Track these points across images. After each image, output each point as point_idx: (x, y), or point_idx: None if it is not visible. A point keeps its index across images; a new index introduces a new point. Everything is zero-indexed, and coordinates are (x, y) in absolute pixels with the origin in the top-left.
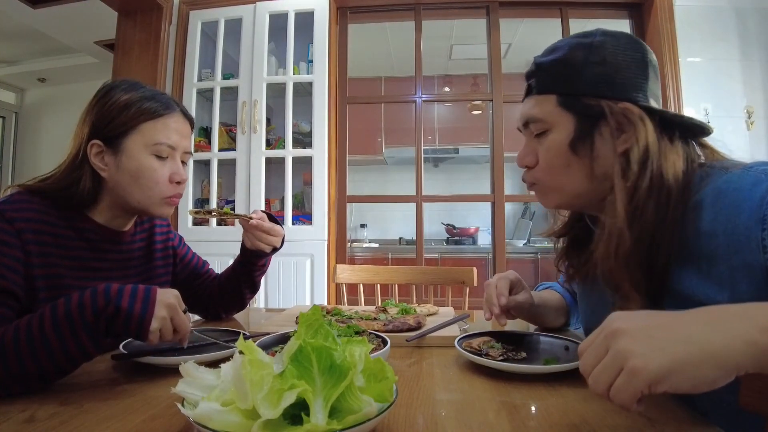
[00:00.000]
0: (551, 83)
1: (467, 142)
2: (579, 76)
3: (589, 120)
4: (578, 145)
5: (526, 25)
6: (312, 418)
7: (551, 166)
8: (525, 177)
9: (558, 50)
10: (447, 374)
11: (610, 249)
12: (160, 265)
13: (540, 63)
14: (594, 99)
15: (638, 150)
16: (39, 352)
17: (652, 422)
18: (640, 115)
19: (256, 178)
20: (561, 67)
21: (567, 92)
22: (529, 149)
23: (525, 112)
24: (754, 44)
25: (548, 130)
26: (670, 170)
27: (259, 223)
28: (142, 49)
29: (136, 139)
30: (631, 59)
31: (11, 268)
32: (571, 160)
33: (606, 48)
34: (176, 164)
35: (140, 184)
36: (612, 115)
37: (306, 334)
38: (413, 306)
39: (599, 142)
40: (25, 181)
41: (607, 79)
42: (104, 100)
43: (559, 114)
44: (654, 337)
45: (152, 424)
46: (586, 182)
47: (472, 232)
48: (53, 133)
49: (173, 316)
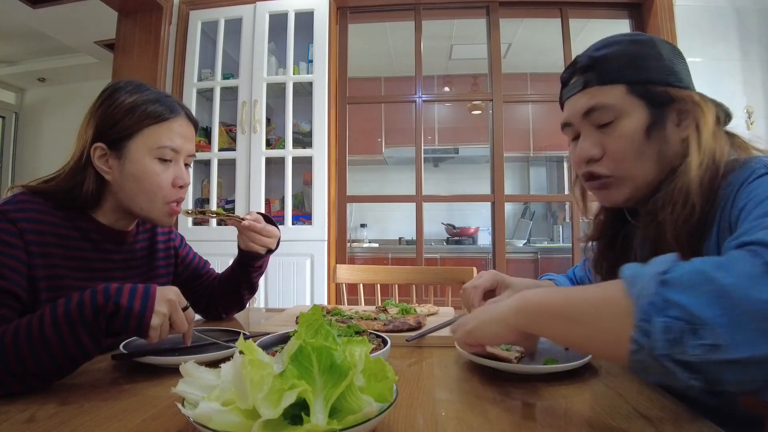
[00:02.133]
0: (617, 73)
1: (467, 142)
2: (644, 66)
3: (659, 106)
4: (653, 130)
5: (526, 25)
6: (312, 418)
7: (624, 154)
8: (593, 170)
9: (612, 45)
10: (447, 374)
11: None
12: (161, 265)
13: (598, 56)
14: (661, 86)
15: (707, 129)
16: (39, 351)
17: (652, 422)
18: (702, 100)
19: (256, 178)
20: (624, 57)
21: (636, 80)
22: (594, 140)
23: (589, 102)
24: (754, 44)
25: (618, 117)
26: (719, 152)
27: (251, 224)
28: (142, 49)
29: (140, 142)
30: (677, 55)
31: (13, 268)
32: (644, 147)
33: (657, 43)
34: (179, 168)
35: (143, 188)
36: (679, 101)
37: (306, 334)
38: (413, 306)
39: (670, 127)
40: (28, 182)
41: (668, 70)
42: (108, 102)
43: (631, 101)
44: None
45: (152, 424)
46: (656, 168)
47: (472, 232)
48: (53, 133)
49: (173, 312)
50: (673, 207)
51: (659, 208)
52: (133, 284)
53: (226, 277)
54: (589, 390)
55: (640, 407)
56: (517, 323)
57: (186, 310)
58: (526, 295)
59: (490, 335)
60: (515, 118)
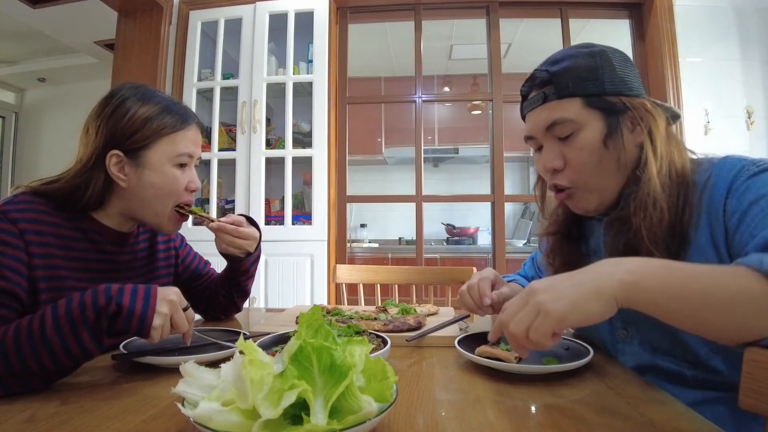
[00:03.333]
0: (573, 87)
1: (467, 142)
2: (598, 79)
3: (614, 115)
4: (610, 139)
5: (526, 25)
6: (312, 418)
7: (585, 164)
8: (557, 182)
9: (566, 59)
10: (447, 374)
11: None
12: (162, 266)
13: (555, 71)
14: (615, 97)
15: (660, 135)
16: (40, 350)
17: (653, 422)
18: (653, 106)
19: (256, 178)
20: (579, 71)
21: (591, 93)
22: (556, 153)
23: (549, 117)
24: (754, 44)
25: (577, 130)
26: (677, 154)
27: (220, 225)
28: (142, 49)
29: (159, 152)
30: (628, 65)
31: (13, 269)
32: (603, 156)
33: (609, 55)
34: (192, 172)
35: (161, 194)
36: (633, 108)
37: (306, 334)
38: (413, 306)
39: (625, 134)
40: (30, 182)
41: (621, 80)
42: (121, 112)
43: (588, 113)
44: (557, 288)
45: (152, 424)
46: (616, 175)
47: (472, 232)
48: (53, 133)
49: (174, 313)
50: (645, 212)
51: (631, 214)
52: (134, 285)
53: (219, 282)
54: (589, 390)
55: (640, 407)
56: (628, 299)
57: (186, 310)
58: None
59: (587, 316)
60: (515, 118)
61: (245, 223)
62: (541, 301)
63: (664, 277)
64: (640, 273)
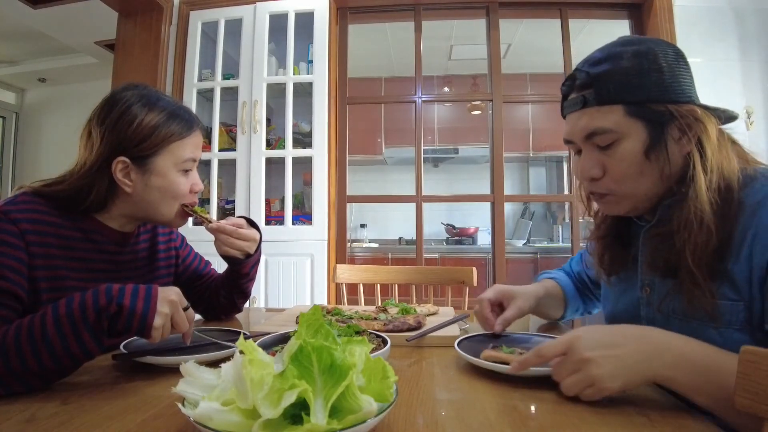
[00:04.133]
0: (616, 93)
1: (467, 142)
2: (643, 85)
3: (659, 125)
4: (652, 151)
5: (526, 26)
6: (312, 418)
7: (625, 175)
8: (593, 188)
9: (608, 60)
10: (447, 374)
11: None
12: (163, 266)
13: (596, 74)
14: (661, 104)
15: (711, 145)
16: (41, 350)
17: (652, 422)
18: (704, 113)
19: (256, 178)
20: (622, 76)
21: (634, 101)
22: (594, 161)
23: (588, 125)
24: (753, 44)
25: (618, 140)
26: (728, 165)
27: (219, 226)
28: (142, 49)
29: (166, 158)
30: (680, 65)
31: (14, 269)
32: (645, 167)
33: (659, 55)
34: (195, 175)
35: (167, 197)
36: (680, 117)
37: (306, 334)
38: (413, 306)
39: (671, 145)
40: (31, 183)
41: (668, 85)
42: (127, 119)
43: (629, 123)
44: (613, 365)
45: (152, 423)
46: (658, 185)
47: (471, 232)
48: (53, 133)
49: (174, 313)
50: (690, 232)
51: (675, 232)
52: (134, 285)
53: (220, 283)
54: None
55: (640, 407)
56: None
57: (187, 310)
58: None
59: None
60: (515, 118)
61: (245, 224)
62: (597, 377)
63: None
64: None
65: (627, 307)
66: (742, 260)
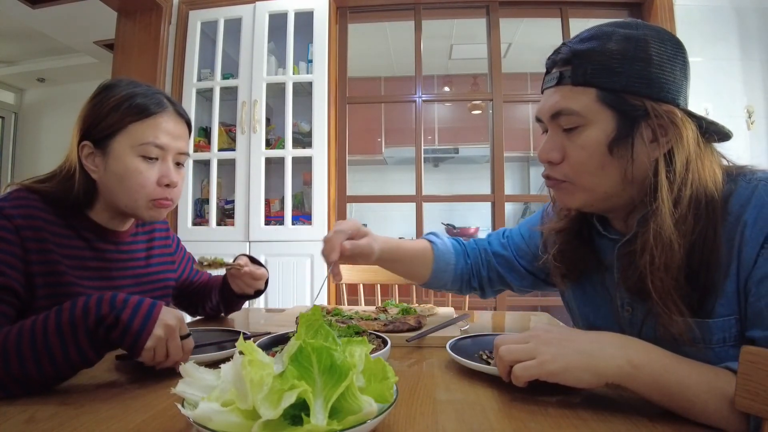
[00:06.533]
0: (592, 75)
1: (467, 142)
2: (624, 72)
3: (630, 120)
4: (616, 145)
5: (526, 25)
6: (312, 419)
7: (583, 165)
8: (550, 173)
9: (598, 38)
10: (447, 374)
11: (660, 261)
12: (159, 270)
13: (578, 51)
14: (638, 98)
15: (682, 155)
16: (41, 355)
17: (653, 422)
18: (683, 119)
19: (256, 178)
20: (604, 58)
21: (610, 87)
22: (555, 143)
23: (556, 104)
24: (754, 44)
25: (583, 125)
26: (710, 177)
27: (251, 271)
28: (141, 49)
29: (123, 140)
30: (674, 60)
31: (10, 264)
32: (606, 161)
33: (651, 45)
34: (166, 166)
35: (126, 186)
36: (656, 116)
37: (306, 335)
38: (413, 306)
39: (638, 145)
40: (23, 180)
41: (653, 79)
42: (96, 100)
43: (599, 110)
44: (562, 346)
45: (152, 424)
46: (618, 185)
47: (472, 232)
48: (53, 133)
49: (169, 338)
50: (651, 255)
51: (637, 254)
52: (140, 298)
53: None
54: (588, 390)
55: (640, 407)
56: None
57: (186, 339)
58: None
59: (575, 381)
60: (515, 118)
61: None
62: (542, 352)
63: (661, 378)
64: (642, 367)
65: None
66: (731, 275)
